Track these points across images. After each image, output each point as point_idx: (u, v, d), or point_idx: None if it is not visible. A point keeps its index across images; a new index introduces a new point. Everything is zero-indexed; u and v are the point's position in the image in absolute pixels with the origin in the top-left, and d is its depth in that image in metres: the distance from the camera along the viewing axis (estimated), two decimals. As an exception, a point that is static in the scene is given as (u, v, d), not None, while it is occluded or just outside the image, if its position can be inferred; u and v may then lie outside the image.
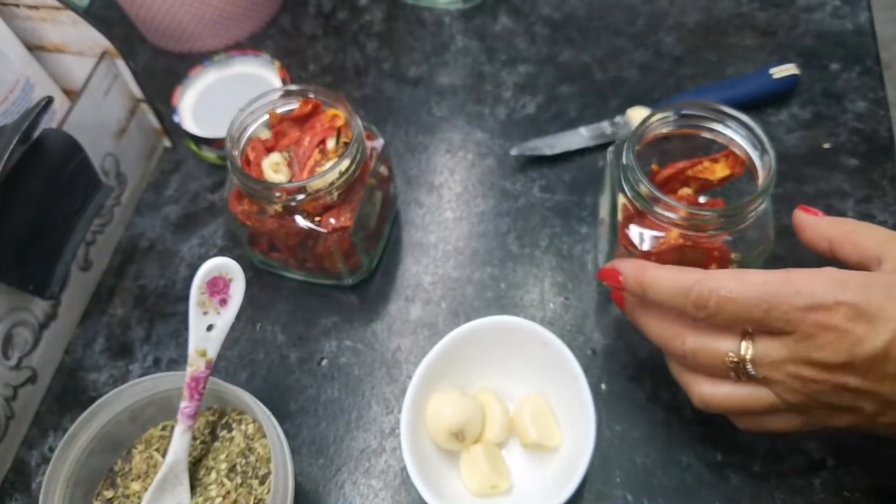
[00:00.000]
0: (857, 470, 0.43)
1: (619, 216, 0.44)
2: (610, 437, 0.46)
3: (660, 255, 0.42)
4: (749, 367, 0.35)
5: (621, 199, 0.44)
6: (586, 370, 0.42)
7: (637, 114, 0.60)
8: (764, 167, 0.41)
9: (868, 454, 0.44)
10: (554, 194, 0.57)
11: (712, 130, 0.43)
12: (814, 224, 0.39)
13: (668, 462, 0.45)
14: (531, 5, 0.71)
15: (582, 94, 0.63)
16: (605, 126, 0.60)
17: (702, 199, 0.46)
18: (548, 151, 0.59)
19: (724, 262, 0.42)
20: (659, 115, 0.43)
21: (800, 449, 0.44)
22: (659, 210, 0.41)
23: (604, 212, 0.50)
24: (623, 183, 0.42)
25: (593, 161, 0.59)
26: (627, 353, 0.49)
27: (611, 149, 0.47)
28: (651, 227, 0.42)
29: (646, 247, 0.43)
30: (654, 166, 0.46)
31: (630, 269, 0.39)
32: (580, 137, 0.59)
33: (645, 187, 0.41)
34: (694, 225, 0.40)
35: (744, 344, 0.35)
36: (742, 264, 0.42)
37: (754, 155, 0.42)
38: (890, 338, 0.32)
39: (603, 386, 0.48)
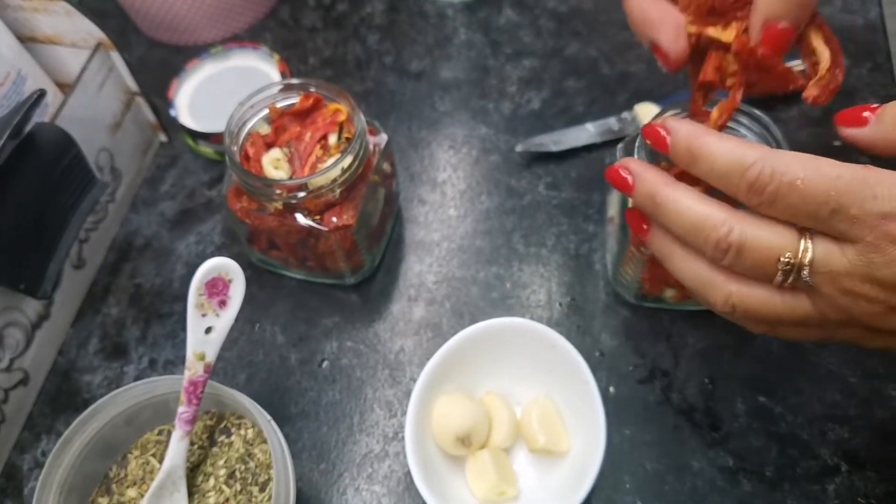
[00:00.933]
0: (872, 475, 0.42)
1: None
2: (619, 441, 0.45)
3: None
4: (805, 272, 0.30)
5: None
6: (594, 372, 0.41)
7: (645, 109, 0.59)
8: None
9: (883, 460, 0.43)
10: (560, 192, 0.56)
11: (725, 127, 0.42)
12: (874, 131, 0.32)
13: (679, 467, 0.44)
14: (536, -2, 0.70)
15: (589, 89, 0.62)
16: (613, 122, 0.59)
17: None
18: (554, 148, 0.57)
19: None
20: (670, 112, 0.42)
21: (813, 454, 0.43)
22: None
23: (612, 210, 0.48)
24: None
25: (600, 158, 0.58)
26: (636, 355, 0.48)
27: (620, 146, 0.46)
28: None
29: None
30: (663, 164, 0.45)
31: (684, 130, 0.33)
32: (587, 133, 0.58)
33: None
34: None
35: (803, 244, 0.30)
36: None
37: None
38: None
39: (612, 389, 0.47)
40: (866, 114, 0.33)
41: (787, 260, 0.30)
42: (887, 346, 0.32)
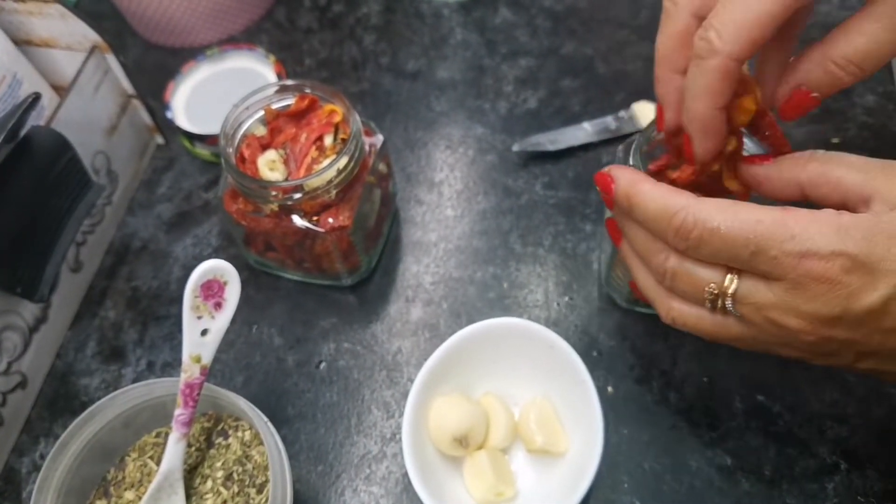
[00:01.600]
0: (871, 474, 0.42)
1: None
2: (617, 441, 0.45)
3: None
4: (728, 302, 0.33)
5: None
6: (592, 372, 0.41)
7: (642, 108, 0.58)
8: None
9: (882, 458, 0.43)
10: (557, 191, 0.56)
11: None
12: (772, 173, 0.35)
13: (678, 467, 0.43)
14: (532, -3, 0.70)
15: (585, 88, 0.62)
16: (609, 121, 0.59)
17: None
18: (550, 147, 0.57)
19: None
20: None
21: (812, 453, 0.43)
22: None
23: (607, 215, 0.48)
24: None
25: (597, 157, 0.58)
26: (634, 354, 0.48)
27: (621, 147, 0.46)
28: None
29: None
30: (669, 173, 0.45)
31: (624, 180, 0.35)
32: (584, 133, 0.58)
33: None
34: None
35: (728, 277, 0.32)
36: None
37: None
38: (890, 293, 0.29)
39: (609, 389, 0.47)
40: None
41: (712, 290, 0.33)
42: (831, 365, 0.34)
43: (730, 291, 0.32)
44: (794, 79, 0.34)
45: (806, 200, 0.34)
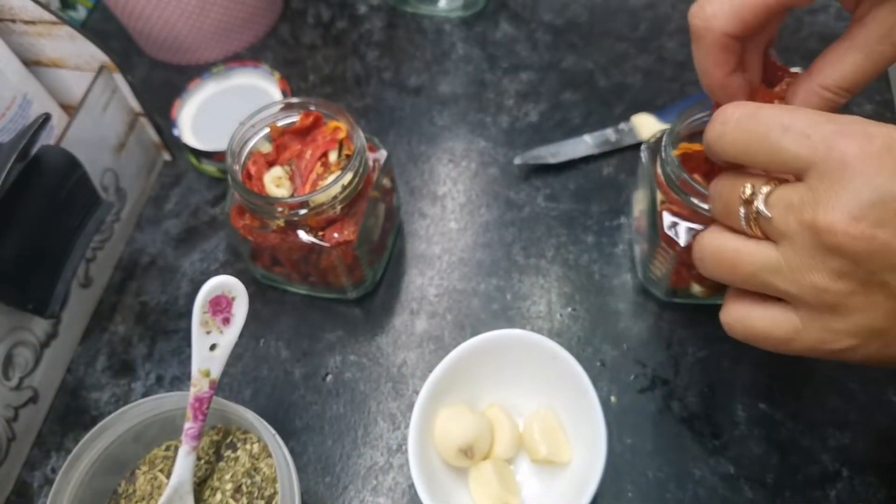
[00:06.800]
0: (874, 481, 0.42)
1: (658, 212, 0.44)
2: (621, 450, 0.45)
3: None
4: (761, 202, 0.31)
5: (659, 196, 0.44)
6: (595, 382, 0.42)
7: (642, 120, 0.59)
8: None
9: (884, 465, 0.43)
10: (559, 203, 0.57)
11: None
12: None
13: (681, 475, 0.44)
14: (532, 11, 0.70)
15: (585, 101, 0.63)
16: (610, 133, 0.59)
17: None
18: (552, 160, 0.58)
19: None
20: (698, 114, 0.43)
21: (815, 460, 0.43)
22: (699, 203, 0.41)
23: (638, 209, 0.49)
24: (665, 179, 0.43)
25: (598, 169, 0.58)
26: (637, 364, 0.48)
27: (644, 145, 0.47)
28: (691, 220, 0.43)
29: (684, 240, 0.43)
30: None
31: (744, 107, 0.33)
32: (584, 145, 0.59)
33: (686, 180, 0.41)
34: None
35: (763, 183, 0.31)
36: None
37: None
38: None
39: (613, 399, 0.47)
40: None
41: (746, 193, 0.32)
42: (849, 347, 0.31)
43: (763, 191, 0.31)
44: (821, 79, 0.35)
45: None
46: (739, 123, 0.31)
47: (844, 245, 0.28)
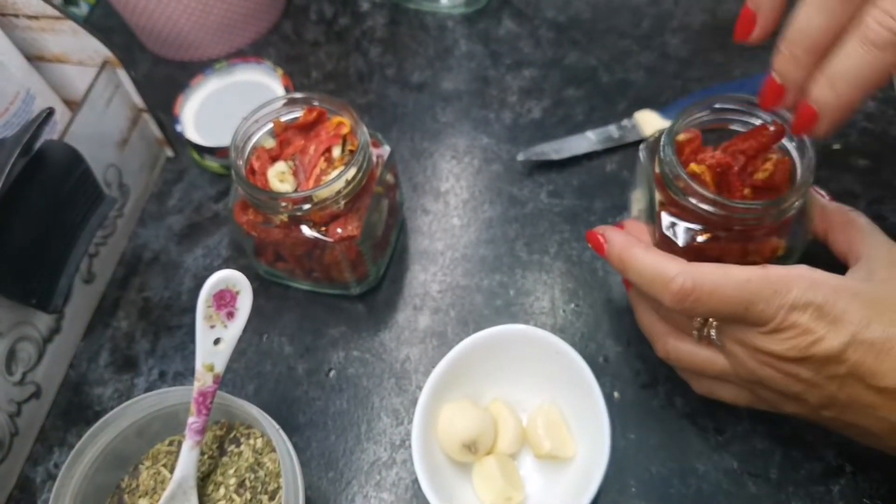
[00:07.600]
0: (877, 476, 0.42)
1: (657, 212, 0.43)
2: (624, 445, 0.45)
3: (699, 250, 0.41)
4: (712, 332, 0.38)
5: (658, 196, 0.43)
6: (599, 378, 0.42)
7: (645, 117, 0.59)
8: (805, 159, 0.40)
9: (887, 461, 0.43)
10: (562, 199, 0.57)
11: (746, 124, 0.43)
12: (821, 206, 0.41)
13: (685, 471, 0.44)
14: (535, 8, 0.70)
15: (588, 98, 0.63)
16: (613, 129, 0.59)
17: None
18: (555, 156, 0.58)
19: (771, 254, 0.41)
20: (696, 112, 0.42)
21: (818, 455, 0.43)
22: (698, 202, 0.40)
23: (636, 209, 0.49)
24: (663, 179, 0.42)
25: (601, 165, 0.58)
26: (640, 359, 0.48)
27: (642, 146, 0.46)
28: (690, 221, 0.42)
29: (683, 241, 0.42)
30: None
31: (616, 243, 0.40)
32: (587, 141, 0.59)
33: (685, 181, 0.40)
34: (740, 218, 0.39)
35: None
36: (787, 256, 0.42)
37: (790, 146, 0.41)
38: (847, 340, 0.33)
39: (616, 394, 0.47)
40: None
41: (698, 319, 0.38)
42: (798, 414, 0.38)
43: (715, 322, 0.38)
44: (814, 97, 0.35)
45: (824, 241, 0.41)
46: (700, 301, 0.36)
47: (777, 375, 0.36)
